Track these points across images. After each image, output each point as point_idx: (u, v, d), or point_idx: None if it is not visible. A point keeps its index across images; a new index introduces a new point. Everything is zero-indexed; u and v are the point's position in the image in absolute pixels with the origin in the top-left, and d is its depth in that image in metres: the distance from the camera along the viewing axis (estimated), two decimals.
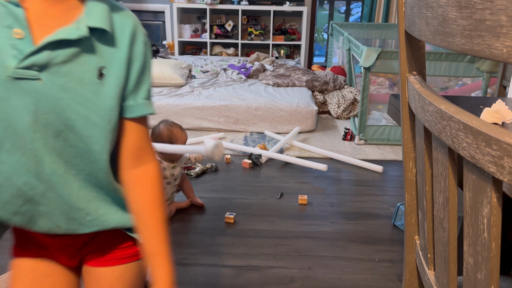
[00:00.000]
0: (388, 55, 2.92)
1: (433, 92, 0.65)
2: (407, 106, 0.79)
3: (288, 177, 2.62)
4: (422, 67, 0.78)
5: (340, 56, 4.64)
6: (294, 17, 5.35)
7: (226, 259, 1.83)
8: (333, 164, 2.81)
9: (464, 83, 3.70)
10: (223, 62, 4.58)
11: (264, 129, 3.36)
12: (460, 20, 0.49)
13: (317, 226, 2.10)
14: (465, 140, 0.51)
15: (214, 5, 4.93)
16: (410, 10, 0.67)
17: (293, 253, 1.89)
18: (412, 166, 0.83)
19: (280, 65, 4.34)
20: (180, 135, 2.06)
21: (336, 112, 3.71)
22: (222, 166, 2.74)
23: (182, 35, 5.18)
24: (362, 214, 2.23)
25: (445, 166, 0.61)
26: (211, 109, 3.32)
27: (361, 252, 1.91)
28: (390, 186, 2.55)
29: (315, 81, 3.82)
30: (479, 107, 1.12)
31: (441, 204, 0.65)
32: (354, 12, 8.35)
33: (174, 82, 3.66)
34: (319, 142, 3.20)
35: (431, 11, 0.56)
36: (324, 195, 2.42)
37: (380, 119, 3.32)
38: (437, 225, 0.69)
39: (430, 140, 0.69)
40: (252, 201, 2.32)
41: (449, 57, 2.88)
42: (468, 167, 0.52)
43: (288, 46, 5.33)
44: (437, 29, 0.55)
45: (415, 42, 0.75)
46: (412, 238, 0.89)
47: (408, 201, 0.86)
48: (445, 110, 0.56)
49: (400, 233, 2.06)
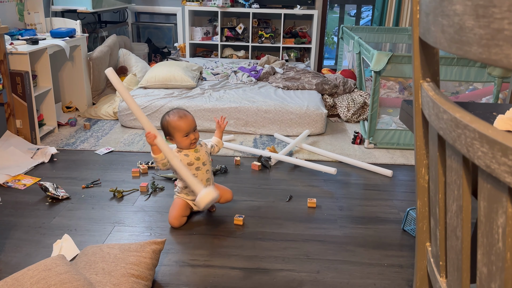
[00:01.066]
0: (399, 59, 2.91)
1: (447, 99, 0.65)
2: (420, 112, 0.79)
3: (297, 180, 2.62)
4: (436, 74, 0.78)
5: (350, 59, 4.62)
6: (305, 20, 5.35)
7: (235, 261, 1.84)
8: (342, 168, 2.81)
9: (475, 88, 3.66)
10: (233, 65, 4.59)
11: (273, 131, 3.37)
12: (477, 29, 0.49)
13: (326, 230, 2.10)
14: (481, 149, 0.51)
15: (226, 8, 4.95)
16: (425, 17, 0.67)
17: (302, 256, 1.89)
18: (424, 173, 0.82)
19: (290, 68, 4.35)
20: (177, 124, 2.00)
21: (345, 116, 3.70)
22: (231, 168, 2.75)
23: (193, 38, 5.20)
24: (371, 218, 2.22)
25: (459, 174, 0.61)
26: (221, 111, 3.33)
27: (370, 256, 1.91)
28: (399, 191, 2.53)
29: (325, 84, 3.82)
30: (492, 113, 1.12)
31: (455, 212, 0.65)
32: (364, 15, 8.33)
33: (185, 84, 3.68)
34: (328, 145, 3.19)
35: (447, 19, 0.57)
36: (333, 198, 2.41)
37: (390, 123, 3.30)
38: (450, 233, 0.68)
39: (443, 148, 0.69)
40: (261, 204, 2.33)
41: (460, 62, 2.87)
42: (484, 176, 0.52)
43: (298, 49, 5.33)
44: (453, 37, 0.55)
45: (429, 48, 0.75)
46: (423, 245, 0.89)
47: (420, 208, 0.86)
48: (460, 119, 0.56)
49: (409, 238, 2.05)
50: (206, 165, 2.08)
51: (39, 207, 2.22)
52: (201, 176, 2.07)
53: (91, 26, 4.59)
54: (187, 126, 2.01)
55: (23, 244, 1.91)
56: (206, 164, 2.08)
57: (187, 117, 2.03)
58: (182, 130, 2.00)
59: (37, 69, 3.12)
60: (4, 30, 2.67)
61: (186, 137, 2.02)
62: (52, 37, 3.36)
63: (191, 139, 2.02)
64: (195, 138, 2.03)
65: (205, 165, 2.08)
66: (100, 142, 3.11)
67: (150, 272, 1.62)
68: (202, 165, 2.07)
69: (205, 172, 2.08)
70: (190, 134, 2.02)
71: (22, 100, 2.84)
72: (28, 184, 2.45)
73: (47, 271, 1.42)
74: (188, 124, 2.01)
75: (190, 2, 5.07)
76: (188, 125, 2.01)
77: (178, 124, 2.00)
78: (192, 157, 2.04)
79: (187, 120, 2.02)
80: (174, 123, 2.01)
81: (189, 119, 2.03)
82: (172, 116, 2.03)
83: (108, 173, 2.64)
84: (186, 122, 2.01)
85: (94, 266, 1.56)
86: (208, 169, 2.10)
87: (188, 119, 2.02)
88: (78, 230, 2.04)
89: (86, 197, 2.34)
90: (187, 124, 2.01)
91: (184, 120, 2.01)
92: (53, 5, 3.98)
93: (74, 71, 3.65)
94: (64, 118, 3.53)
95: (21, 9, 3.49)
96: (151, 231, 2.05)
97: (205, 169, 2.08)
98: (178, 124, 2.00)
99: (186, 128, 2.00)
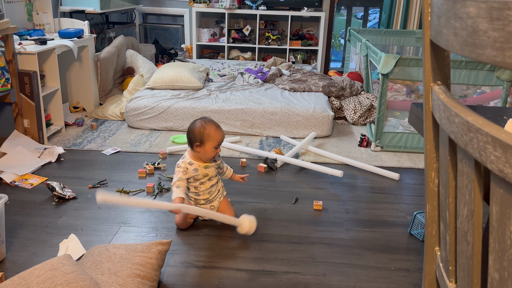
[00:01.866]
0: (406, 62, 2.89)
1: (459, 102, 0.64)
2: (431, 115, 0.78)
3: (303, 182, 2.62)
4: (447, 77, 0.77)
5: (357, 61, 4.61)
6: (312, 22, 5.34)
7: (240, 263, 1.83)
8: (348, 171, 2.79)
9: (482, 91, 3.64)
10: (240, 66, 4.59)
11: (280, 133, 3.36)
12: (491, 32, 0.48)
13: (332, 233, 2.09)
14: (494, 154, 0.50)
15: (233, 10, 4.96)
16: (437, 20, 0.67)
17: (308, 259, 1.88)
18: (434, 177, 0.82)
19: (296, 70, 4.34)
20: (213, 133, 1.94)
21: (352, 118, 3.69)
22: (237, 170, 2.75)
23: (200, 39, 5.21)
24: (378, 221, 2.21)
25: (470, 179, 0.61)
26: (227, 112, 3.33)
27: (376, 260, 1.90)
28: (406, 194, 2.52)
29: (331, 87, 3.81)
30: (502, 117, 1.11)
31: (465, 217, 0.65)
32: (371, 17, 8.31)
33: (191, 85, 3.69)
34: (335, 147, 3.18)
35: (460, 21, 0.56)
36: (339, 201, 2.40)
37: (397, 126, 3.29)
38: (460, 237, 0.68)
39: (455, 151, 0.68)
40: (267, 206, 2.32)
41: (469, 65, 2.85)
42: (496, 180, 0.52)
43: (305, 51, 5.33)
44: (466, 40, 0.55)
45: (440, 51, 0.74)
46: (432, 249, 0.88)
47: (429, 212, 0.85)
48: (473, 122, 0.55)
49: (416, 242, 2.04)
50: (211, 180, 2.06)
51: (45, 207, 2.23)
52: (204, 191, 2.06)
53: (99, 27, 4.62)
54: (222, 138, 1.97)
55: (29, 243, 1.92)
56: (212, 179, 2.06)
57: (221, 130, 1.99)
58: (216, 140, 1.95)
59: (45, 69, 3.14)
60: (13, 30, 2.69)
61: (215, 148, 1.97)
62: (60, 38, 3.38)
63: (218, 152, 1.99)
64: (218, 152, 2.01)
65: (211, 180, 2.06)
66: (107, 142, 3.12)
67: (156, 272, 1.62)
68: (208, 180, 2.05)
69: (209, 187, 2.06)
70: (219, 147, 2.00)
71: (30, 100, 2.86)
72: (35, 184, 2.46)
73: (54, 270, 1.43)
74: (223, 136, 1.98)
75: (198, 3, 5.08)
76: (222, 137, 1.98)
77: (215, 134, 1.95)
78: (201, 172, 2.01)
79: (222, 133, 1.99)
80: (212, 131, 1.94)
81: (223, 132, 2.00)
82: (210, 124, 1.97)
83: (115, 173, 2.65)
84: (222, 134, 1.97)
85: (100, 266, 1.56)
86: (213, 184, 2.07)
87: (222, 132, 1.99)
88: (85, 230, 2.04)
89: (92, 197, 2.35)
90: (222, 136, 1.97)
91: (220, 132, 1.97)
92: (61, 5, 4.00)
93: (82, 71, 3.66)
94: (71, 118, 3.55)
95: (30, 9, 3.51)
96: (157, 232, 2.05)
97: (210, 184, 2.06)
98: (215, 134, 1.95)
99: (220, 139, 1.96)
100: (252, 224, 1.99)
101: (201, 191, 2.05)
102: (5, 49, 2.72)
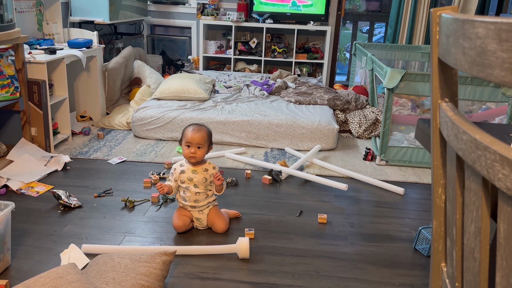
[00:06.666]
0: (412, 77, 2.91)
1: (467, 120, 0.65)
2: (438, 132, 0.79)
3: (307, 195, 2.62)
4: (454, 94, 0.78)
5: (362, 75, 4.63)
6: (318, 36, 5.38)
7: (244, 275, 1.83)
8: (353, 184, 2.79)
9: (487, 107, 3.65)
10: (246, 78, 4.63)
11: (284, 145, 3.37)
12: (500, 53, 0.49)
13: (336, 246, 2.09)
14: (501, 172, 0.51)
15: (240, 23, 5.01)
16: (446, 39, 0.68)
17: (312, 272, 1.88)
18: (441, 193, 0.82)
19: (302, 82, 4.36)
20: (187, 133, 2.11)
21: (357, 132, 3.70)
22: (242, 181, 2.76)
23: (207, 51, 5.26)
24: (382, 236, 2.21)
25: (478, 196, 0.61)
26: (233, 124, 3.35)
27: (381, 275, 1.89)
28: (411, 209, 2.51)
29: (337, 100, 3.83)
30: (508, 135, 1.11)
31: (472, 234, 0.65)
32: (376, 32, 8.36)
33: (197, 96, 3.71)
34: (339, 161, 3.19)
35: (469, 41, 0.57)
36: (344, 215, 2.40)
37: (402, 140, 3.29)
38: (467, 254, 0.68)
39: (462, 168, 0.69)
40: (271, 218, 2.32)
41: (474, 81, 2.86)
42: (504, 198, 0.52)
43: (310, 64, 5.36)
44: (475, 59, 0.56)
45: (448, 69, 0.75)
46: (438, 265, 0.88)
47: (436, 228, 0.86)
48: (481, 140, 0.56)
49: (421, 258, 2.03)
50: (197, 187, 2.12)
51: (51, 215, 2.24)
52: (190, 197, 2.13)
53: (108, 37, 4.67)
54: (192, 138, 2.10)
55: (34, 251, 1.93)
56: (198, 187, 2.12)
57: (198, 131, 2.11)
58: (186, 138, 2.11)
59: (54, 78, 3.17)
60: (24, 40, 2.73)
61: (187, 147, 2.10)
62: (69, 47, 3.42)
63: (190, 151, 2.10)
64: (193, 153, 2.09)
65: (197, 187, 2.12)
66: (113, 152, 3.14)
67: (159, 283, 1.62)
68: (193, 186, 2.12)
69: (195, 194, 2.12)
70: (192, 147, 2.09)
71: (38, 108, 2.89)
72: (41, 192, 2.47)
73: (59, 279, 1.43)
74: (194, 137, 2.10)
75: (205, 16, 5.14)
76: (193, 138, 2.10)
77: (187, 133, 2.12)
78: (186, 175, 2.12)
79: (196, 133, 2.10)
80: (188, 131, 2.13)
81: (198, 134, 2.10)
82: (193, 126, 2.15)
83: (120, 182, 2.66)
84: (193, 134, 2.10)
85: (104, 276, 1.57)
86: (199, 192, 2.12)
87: (197, 133, 2.10)
88: (90, 238, 2.05)
89: (98, 206, 2.36)
90: (193, 137, 2.10)
91: (193, 132, 2.11)
92: (71, 16, 4.06)
93: (90, 81, 3.70)
94: (78, 127, 3.57)
95: (40, 19, 3.57)
96: (161, 242, 2.05)
97: (195, 191, 2.12)
98: (186, 132, 2.13)
99: (190, 139, 2.10)
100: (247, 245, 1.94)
101: (187, 197, 2.14)
102: (15, 58, 2.75)
